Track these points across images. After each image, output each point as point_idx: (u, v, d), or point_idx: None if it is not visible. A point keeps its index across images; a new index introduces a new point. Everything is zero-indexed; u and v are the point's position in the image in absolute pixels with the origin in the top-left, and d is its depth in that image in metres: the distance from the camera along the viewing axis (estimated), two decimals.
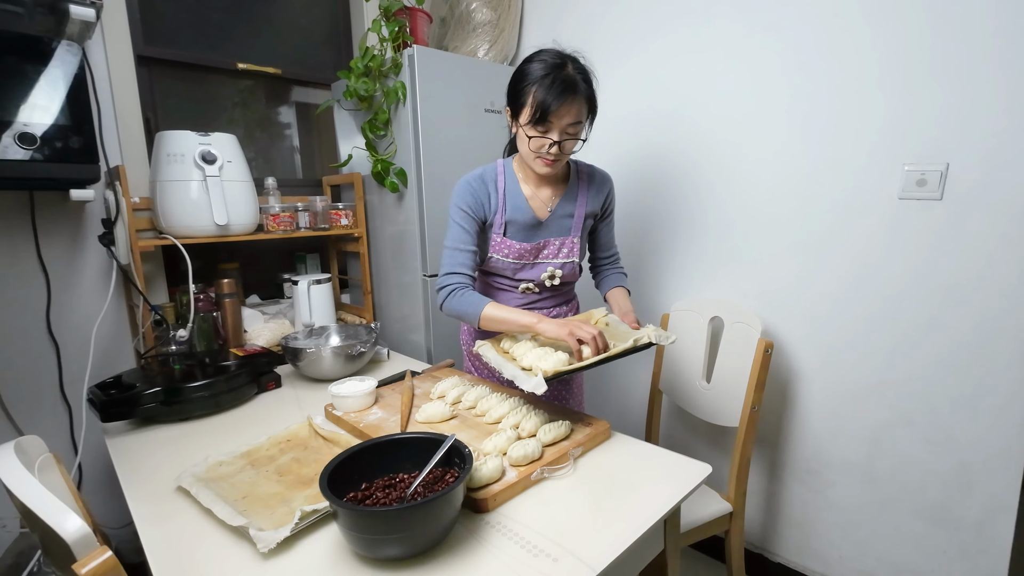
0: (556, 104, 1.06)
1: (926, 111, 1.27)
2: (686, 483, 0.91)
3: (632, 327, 1.20)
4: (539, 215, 1.26)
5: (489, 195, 1.22)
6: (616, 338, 1.13)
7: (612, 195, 1.36)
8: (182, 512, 0.86)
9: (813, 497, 1.58)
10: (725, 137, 1.62)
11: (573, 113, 1.10)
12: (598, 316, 1.29)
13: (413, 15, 1.81)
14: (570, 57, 1.12)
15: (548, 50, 1.13)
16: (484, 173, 1.24)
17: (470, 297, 1.15)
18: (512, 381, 1.00)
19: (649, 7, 1.74)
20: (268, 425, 1.16)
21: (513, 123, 1.17)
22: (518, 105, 1.13)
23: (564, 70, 1.08)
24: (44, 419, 1.48)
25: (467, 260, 1.20)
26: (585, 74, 1.12)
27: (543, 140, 1.11)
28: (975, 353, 1.27)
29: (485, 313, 1.12)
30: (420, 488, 0.79)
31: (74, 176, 1.29)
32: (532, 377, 0.97)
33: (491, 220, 1.23)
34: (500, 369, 1.05)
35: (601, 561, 0.72)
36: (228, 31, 1.89)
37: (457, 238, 1.20)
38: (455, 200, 1.22)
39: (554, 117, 1.08)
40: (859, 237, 1.40)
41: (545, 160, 1.14)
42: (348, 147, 1.94)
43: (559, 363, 1.00)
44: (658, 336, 1.09)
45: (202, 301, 1.53)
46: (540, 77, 1.08)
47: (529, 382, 0.96)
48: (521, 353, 1.09)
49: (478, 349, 1.14)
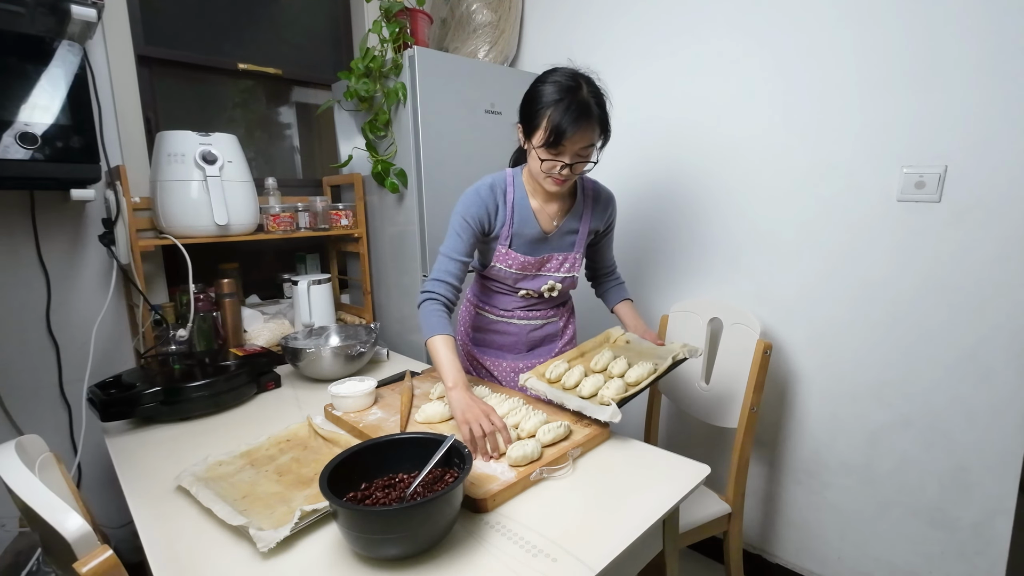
0: (571, 130, 1.06)
1: (924, 114, 1.27)
2: (685, 484, 0.91)
3: (656, 343, 1.27)
4: (545, 229, 1.26)
5: (498, 206, 1.23)
6: (641, 356, 1.22)
7: (614, 212, 1.38)
8: (182, 512, 0.86)
9: (812, 498, 1.59)
10: (725, 141, 1.62)
11: (587, 138, 1.10)
12: (616, 335, 1.35)
13: (414, 16, 1.82)
14: (584, 78, 1.11)
15: (562, 69, 1.12)
16: (494, 184, 1.24)
17: (434, 318, 1.15)
18: (580, 411, 1.06)
19: (651, 12, 1.75)
20: (268, 425, 1.16)
21: (525, 141, 1.17)
22: (532, 126, 1.12)
23: (579, 94, 1.08)
24: (44, 418, 1.48)
25: (456, 270, 1.20)
26: (599, 97, 1.11)
27: (555, 162, 1.12)
28: (974, 355, 1.27)
29: (431, 342, 1.12)
30: (419, 488, 0.79)
31: (75, 176, 1.29)
32: (604, 406, 1.02)
33: (497, 232, 1.24)
34: (562, 401, 1.08)
35: (600, 561, 0.72)
36: (229, 31, 1.89)
37: (452, 247, 1.20)
38: (461, 209, 1.21)
39: (568, 142, 1.08)
40: (857, 239, 1.41)
41: (556, 180, 1.15)
42: (348, 147, 1.94)
43: (619, 389, 1.06)
44: (689, 351, 1.18)
45: (202, 301, 1.53)
46: (555, 101, 1.07)
47: (604, 412, 1.01)
48: (574, 382, 1.14)
49: (525, 383, 1.15)
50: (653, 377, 1.11)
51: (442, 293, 1.17)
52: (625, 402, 1.05)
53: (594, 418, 1.04)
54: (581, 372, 1.16)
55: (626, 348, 1.30)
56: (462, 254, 1.20)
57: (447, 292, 1.18)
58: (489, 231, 1.24)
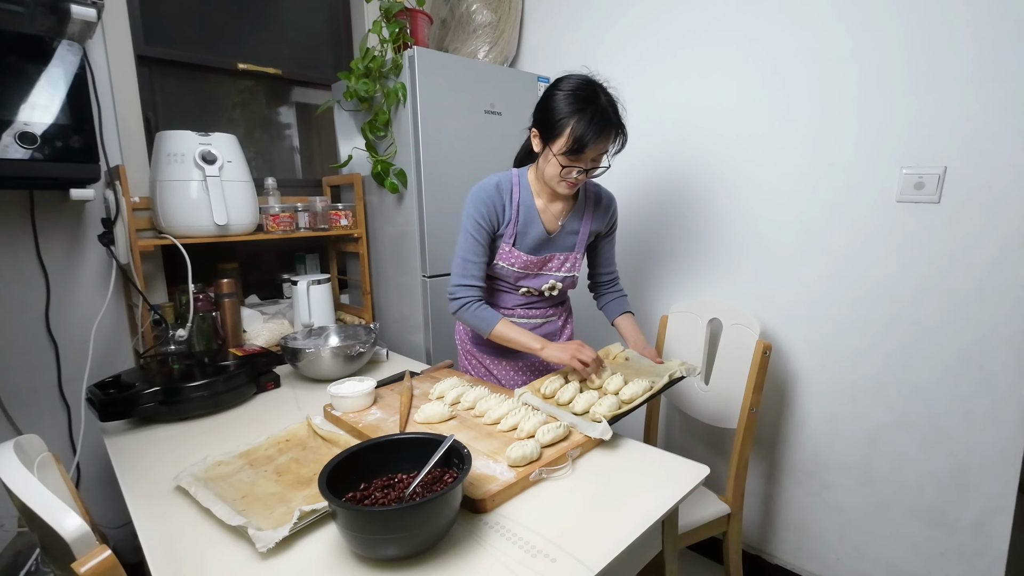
0: (594, 141, 1.10)
1: (923, 115, 1.28)
2: (684, 484, 0.91)
3: (655, 361, 1.28)
4: (549, 229, 1.28)
5: (504, 206, 1.24)
6: (640, 373, 1.23)
7: (616, 214, 1.39)
8: (181, 512, 0.86)
9: (811, 499, 1.59)
10: (725, 141, 1.62)
11: (605, 146, 1.15)
12: (616, 352, 1.36)
13: (413, 16, 1.82)
14: (600, 87, 1.14)
15: (576, 77, 1.14)
16: (500, 183, 1.25)
17: (484, 312, 1.23)
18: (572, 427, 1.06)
19: (651, 14, 1.75)
20: (267, 425, 1.16)
21: (542, 146, 1.18)
22: (552, 134, 1.14)
23: (598, 103, 1.11)
24: (43, 418, 1.47)
25: (478, 272, 1.24)
26: (615, 105, 1.14)
27: (572, 167, 1.14)
28: (973, 356, 1.27)
29: (497, 330, 1.21)
30: (419, 488, 0.79)
31: (74, 175, 1.29)
32: (595, 423, 1.03)
33: (502, 231, 1.25)
34: (558, 417, 1.09)
35: (599, 562, 0.72)
36: (228, 31, 1.89)
37: (470, 249, 1.23)
38: (469, 210, 1.23)
39: (589, 151, 1.12)
40: (857, 240, 1.41)
41: (570, 184, 1.18)
42: (348, 148, 1.94)
43: (612, 406, 1.07)
44: (687, 370, 1.20)
45: (201, 301, 1.53)
46: (578, 111, 1.09)
47: (595, 429, 1.02)
48: (567, 398, 1.14)
49: (521, 398, 1.16)
50: (648, 395, 1.11)
51: (475, 295, 1.23)
52: (618, 419, 1.05)
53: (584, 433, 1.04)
54: (575, 388, 1.16)
55: (625, 365, 1.30)
56: (480, 255, 1.24)
57: (477, 293, 1.24)
58: (496, 229, 1.25)
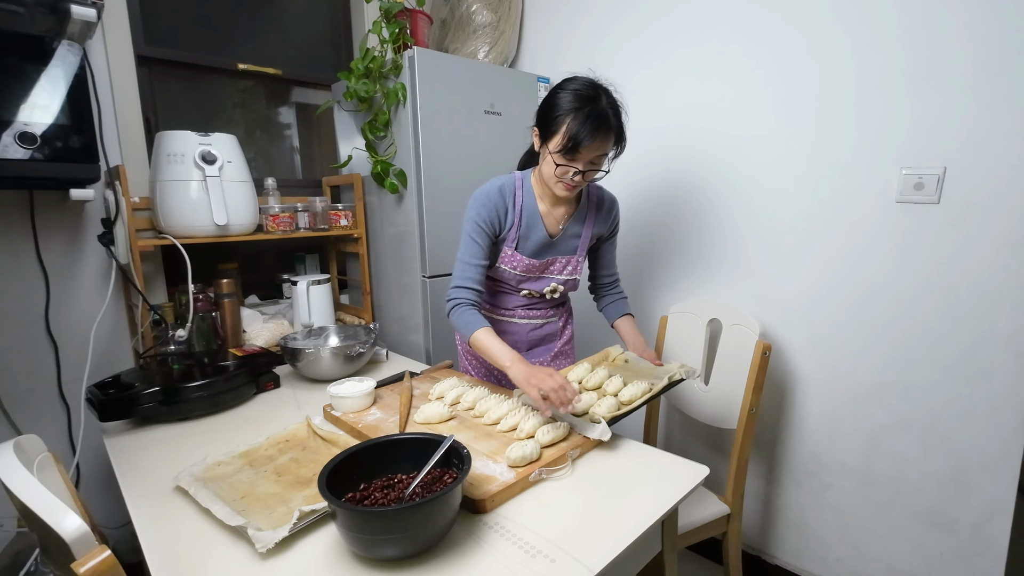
0: (588, 140, 1.09)
1: (923, 115, 1.28)
2: (684, 485, 0.91)
3: (654, 363, 1.28)
4: (551, 232, 1.28)
5: (507, 209, 1.24)
6: (639, 375, 1.23)
7: (618, 218, 1.38)
8: (180, 512, 0.86)
9: (811, 499, 1.59)
10: (725, 142, 1.62)
11: (602, 148, 1.13)
12: (615, 354, 1.36)
13: (413, 17, 1.82)
14: (603, 88, 1.14)
15: (582, 78, 1.14)
16: (503, 186, 1.25)
17: (468, 316, 1.20)
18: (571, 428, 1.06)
19: (650, 14, 1.75)
20: (267, 425, 1.16)
21: (541, 145, 1.18)
22: (549, 132, 1.14)
23: (598, 104, 1.10)
24: (42, 418, 1.47)
25: (477, 275, 1.23)
26: (616, 109, 1.13)
27: (568, 168, 1.14)
28: (972, 356, 1.28)
29: (475, 336, 1.16)
30: (418, 489, 0.79)
31: (74, 176, 1.29)
32: (595, 424, 1.02)
33: (504, 234, 1.25)
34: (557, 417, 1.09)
35: (599, 562, 0.72)
36: (228, 31, 1.89)
37: (470, 252, 1.23)
38: (471, 214, 1.23)
39: (584, 150, 1.11)
40: (856, 240, 1.41)
41: (567, 185, 1.17)
42: (348, 148, 1.94)
43: (611, 408, 1.07)
44: (686, 372, 1.20)
45: (201, 301, 1.53)
46: (575, 109, 1.09)
47: (594, 430, 1.01)
48: None
49: (521, 399, 1.15)
50: (647, 397, 1.12)
51: (468, 297, 1.21)
52: (617, 420, 1.05)
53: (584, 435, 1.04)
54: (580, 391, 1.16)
55: (624, 367, 1.31)
56: (480, 258, 1.23)
57: (473, 296, 1.22)
58: (498, 233, 1.25)
